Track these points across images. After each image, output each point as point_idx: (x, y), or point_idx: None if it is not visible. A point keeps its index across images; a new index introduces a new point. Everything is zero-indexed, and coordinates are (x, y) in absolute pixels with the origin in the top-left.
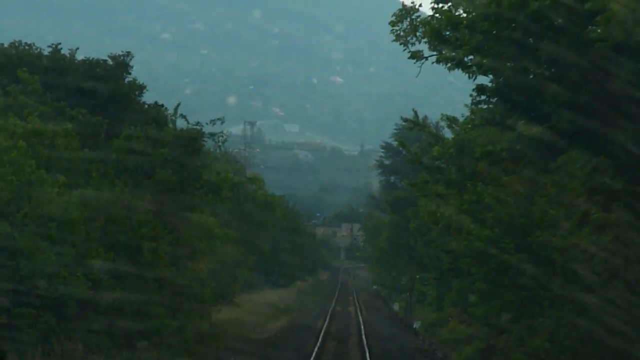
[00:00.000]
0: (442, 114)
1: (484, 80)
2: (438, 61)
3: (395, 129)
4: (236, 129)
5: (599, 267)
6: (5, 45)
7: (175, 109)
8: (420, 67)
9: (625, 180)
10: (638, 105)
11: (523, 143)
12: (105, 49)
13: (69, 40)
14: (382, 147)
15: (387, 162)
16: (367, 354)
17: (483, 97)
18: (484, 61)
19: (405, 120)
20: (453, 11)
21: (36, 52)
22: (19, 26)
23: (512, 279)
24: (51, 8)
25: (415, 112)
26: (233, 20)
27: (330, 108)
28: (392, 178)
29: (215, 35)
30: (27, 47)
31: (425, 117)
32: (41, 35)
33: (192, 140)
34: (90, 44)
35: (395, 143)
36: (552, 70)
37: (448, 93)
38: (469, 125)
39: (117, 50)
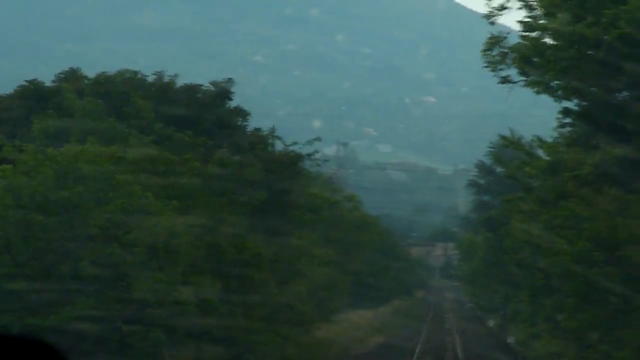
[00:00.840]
0: (533, 135)
1: (570, 103)
2: (526, 85)
3: (490, 147)
4: (329, 150)
5: None
6: (111, 73)
7: (272, 132)
8: (509, 91)
9: None
10: None
11: (608, 163)
12: (199, 73)
13: (161, 65)
14: (476, 166)
15: (480, 181)
16: None
17: (568, 120)
18: (569, 84)
19: (502, 138)
20: (540, 39)
21: (141, 78)
22: (110, 50)
23: (600, 294)
24: (140, 32)
25: (512, 131)
26: (323, 42)
27: (423, 128)
28: (486, 197)
29: (306, 56)
30: (133, 75)
31: (521, 137)
32: (134, 60)
33: (292, 163)
34: (182, 67)
35: (488, 162)
36: (636, 89)
37: (541, 112)
38: (560, 147)
39: (211, 74)
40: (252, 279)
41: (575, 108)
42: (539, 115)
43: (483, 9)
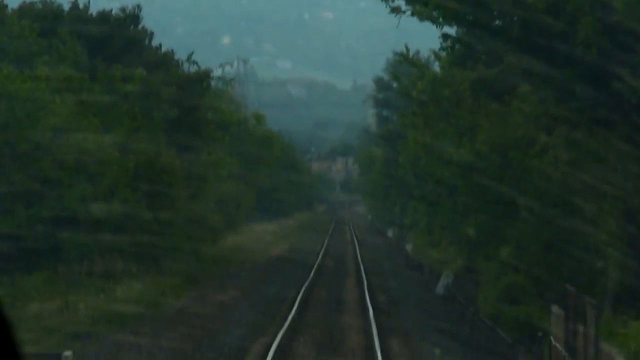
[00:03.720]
0: (431, 49)
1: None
2: (412, 14)
3: (387, 64)
4: (228, 67)
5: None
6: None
7: (189, 57)
8: (399, 19)
9: (623, 112)
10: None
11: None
12: None
13: None
14: (375, 82)
15: (379, 96)
16: (362, 270)
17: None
18: (447, 14)
19: (396, 54)
20: None
21: (59, 6)
22: None
23: (489, 197)
24: None
25: (407, 47)
26: None
27: (321, 43)
28: (385, 112)
29: None
30: (52, 3)
31: (418, 52)
32: None
33: (201, 81)
34: None
35: (387, 78)
36: (508, 17)
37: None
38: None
39: None
40: (164, 195)
41: (454, 34)
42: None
43: None
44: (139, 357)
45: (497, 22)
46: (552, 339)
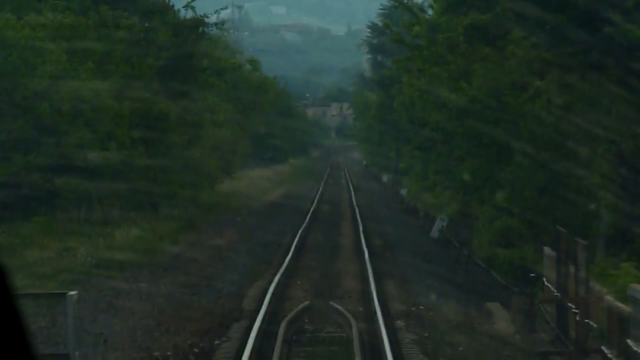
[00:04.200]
0: None
1: None
2: None
3: (381, 9)
4: (224, 12)
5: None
6: None
7: (189, 3)
8: None
9: (615, 56)
10: None
11: (476, 26)
12: None
13: None
14: (369, 27)
15: (374, 41)
16: (357, 214)
17: None
18: None
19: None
20: None
21: None
22: None
23: (484, 141)
24: None
25: None
26: None
27: None
28: (380, 57)
29: None
30: None
31: None
32: None
33: (196, 27)
34: None
35: (381, 23)
36: None
37: None
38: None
39: None
40: (160, 141)
41: None
42: None
43: None
44: (139, 301)
45: None
46: (544, 279)
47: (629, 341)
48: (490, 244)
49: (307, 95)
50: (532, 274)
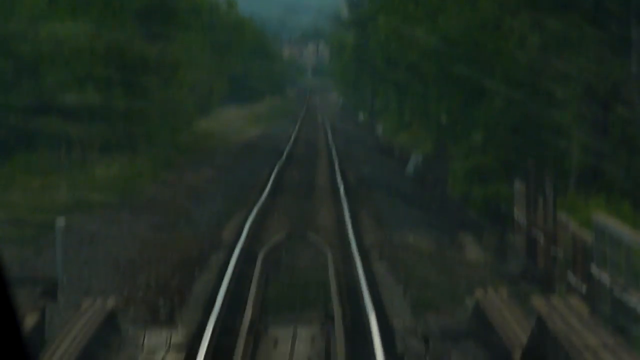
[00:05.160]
0: None
1: None
2: None
3: None
4: None
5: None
6: None
7: None
8: None
9: None
10: None
11: None
12: None
13: None
14: None
15: None
16: (334, 151)
17: None
18: None
19: None
20: None
21: None
22: None
23: (458, 79)
24: None
25: None
26: None
27: None
28: None
29: None
30: None
31: None
32: None
33: None
34: None
35: None
36: None
37: None
38: None
39: None
40: (137, 83)
41: None
42: None
43: None
44: (120, 234)
45: None
46: (514, 211)
47: (592, 267)
48: (464, 180)
49: (284, 34)
50: (503, 207)
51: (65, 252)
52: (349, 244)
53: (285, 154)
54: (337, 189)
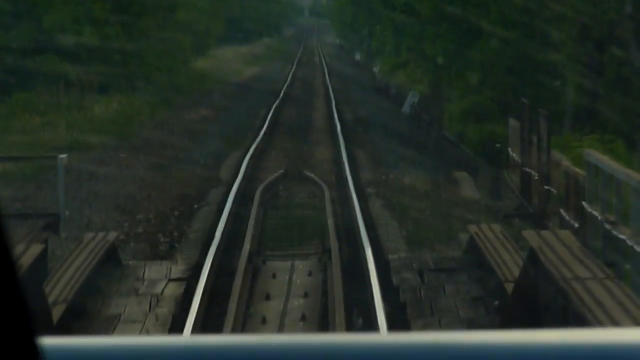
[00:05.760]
0: None
1: None
2: None
3: None
4: None
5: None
6: None
7: None
8: None
9: None
10: None
11: None
12: None
13: None
14: None
15: None
16: (330, 90)
17: None
18: None
19: None
20: None
21: None
22: None
23: (454, 19)
24: None
25: None
26: None
27: None
28: None
29: None
30: None
31: None
32: None
33: None
34: None
35: None
36: None
37: None
38: None
39: None
40: (134, 25)
41: None
42: None
43: None
44: (120, 171)
45: None
46: (509, 149)
47: (583, 203)
48: (460, 120)
49: None
50: (498, 145)
51: (65, 189)
52: (345, 181)
53: (282, 93)
54: (334, 128)
